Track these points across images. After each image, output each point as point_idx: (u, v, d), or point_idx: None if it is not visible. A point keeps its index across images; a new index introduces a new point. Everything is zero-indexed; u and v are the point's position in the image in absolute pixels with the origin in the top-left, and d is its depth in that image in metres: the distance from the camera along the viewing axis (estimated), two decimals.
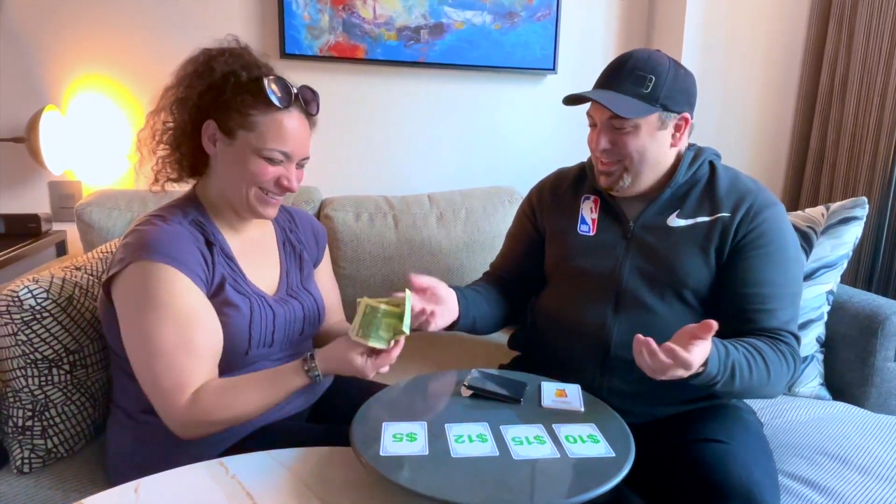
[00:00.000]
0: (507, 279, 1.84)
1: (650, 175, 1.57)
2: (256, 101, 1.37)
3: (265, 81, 1.36)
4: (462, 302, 1.61)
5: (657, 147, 1.54)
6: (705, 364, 1.29)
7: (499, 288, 1.81)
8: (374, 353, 1.29)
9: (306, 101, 1.45)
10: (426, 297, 1.51)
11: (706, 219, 1.54)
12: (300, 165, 1.47)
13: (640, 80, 1.50)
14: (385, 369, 1.34)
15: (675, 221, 1.56)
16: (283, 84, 1.40)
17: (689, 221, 1.55)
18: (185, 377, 1.29)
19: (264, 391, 1.33)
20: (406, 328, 1.30)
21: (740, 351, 1.39)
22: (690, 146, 1.64)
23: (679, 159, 1.59)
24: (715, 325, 1.22)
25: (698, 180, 1.60)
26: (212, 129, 1.40)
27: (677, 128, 1.55)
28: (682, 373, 1.25)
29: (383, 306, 1.31)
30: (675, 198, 1.59)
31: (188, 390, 1.29)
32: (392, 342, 1.31)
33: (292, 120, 1.41)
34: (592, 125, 1.60)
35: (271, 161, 1.40)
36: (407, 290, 1.36)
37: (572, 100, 1.56)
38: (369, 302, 1.31)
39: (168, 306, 1.29)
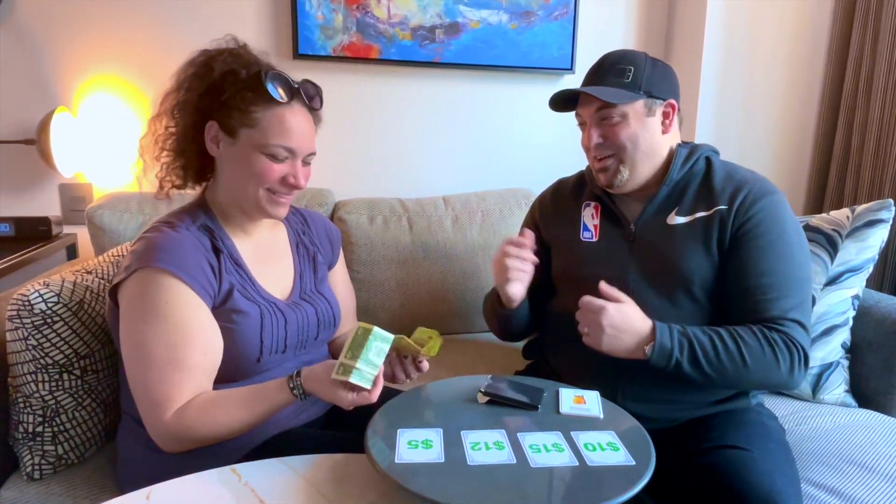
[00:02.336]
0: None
1: (647, 166, 1.60)
2: (257, 97, 1.37)
3: (264, 76, 1.36)
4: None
5: (648, 134, 1.58)
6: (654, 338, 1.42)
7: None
8: (356, 387, 1.25)
9: (309, 96, 1.45)
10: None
11: (705, 213, 1.55)
12: (306, 162, 1.47)
13: (619, 72, 1.57)
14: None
15: (674, 219, 1.58)
16: (283, 79, 1.40)
17: (689, 218, 1.57)
18: (174, 392, 1.29)
19: (249, 408, 1.32)
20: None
21: (706, 333, 1.44)
22: (685, 144, 1.66)
23: (672, 155, 1.62)
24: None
25: (695, 176, 1.62)
26: (214, 131, 1.40)
27: (665, 115, 1.60)
28: (626, 339, 1.43)
29: (377, 329, 1.25)
30: (673, 195, 1.61)
31: (175, 405, 1.29)
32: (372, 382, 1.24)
33: (294, 115, 1.41)
34: (582, 124, 1.65)
35: (275, 158, 1.39)
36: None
37: (559, 103, 1.64)
38: (362, 324, 1.26)
39: (165, 318, 1.30)
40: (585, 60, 2.79)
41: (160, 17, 2.45)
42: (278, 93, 1.37)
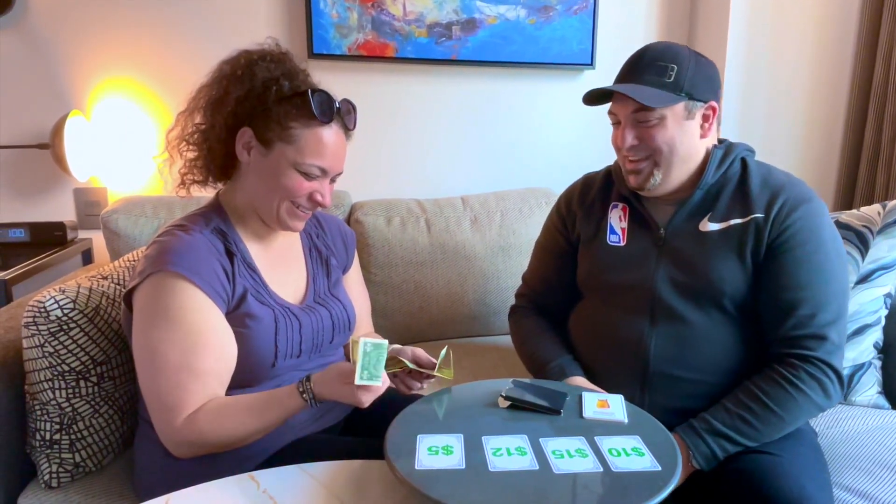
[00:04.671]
0: (546, 298, 1.85)
1: (681, 171, 1.55)
2: (299, 113, 1.38)
3: (310, 95, 1.37)
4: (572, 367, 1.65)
5: (687, 139, 1.52)
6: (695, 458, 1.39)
7: (545, 318, 1.83)
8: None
9: (345, 115, 1.45)
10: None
11: (739, 221, 1.51)
12: (332, 180, 1.48)
13: (661, 70, 1.50)
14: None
15: (707, 226, 1.54)
16: (327, 98, 1.40)
17: (722, 225, 1.53)
18: (186, 397, 1.30)
19: (259, 415, 1.32)
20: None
21: (730, 411, 1.42)
22: (720, 143, 1.61)
23: (707, 157, 1.57)
24: None
25: (730, 179, 1.57)
26: (247, 137, 1.40)
27: (705, 118, 1.54)
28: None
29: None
30: (707, 199, 1.57)
31: (187, 410, 1.30)
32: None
33: (332, 135, 1.42)
34: (616, 123, 1.59)
35: (307, 176, 1.41)
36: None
37: (593, 98, 1.57)
38: (369, 341, 1.26)
39: (178, 323, 1.31)
40: (606, 55, 2.80)
41: (173, 18, 2.47)
42: (321, 113, 1.38)
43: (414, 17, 2.60)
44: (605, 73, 2.83)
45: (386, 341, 1.25)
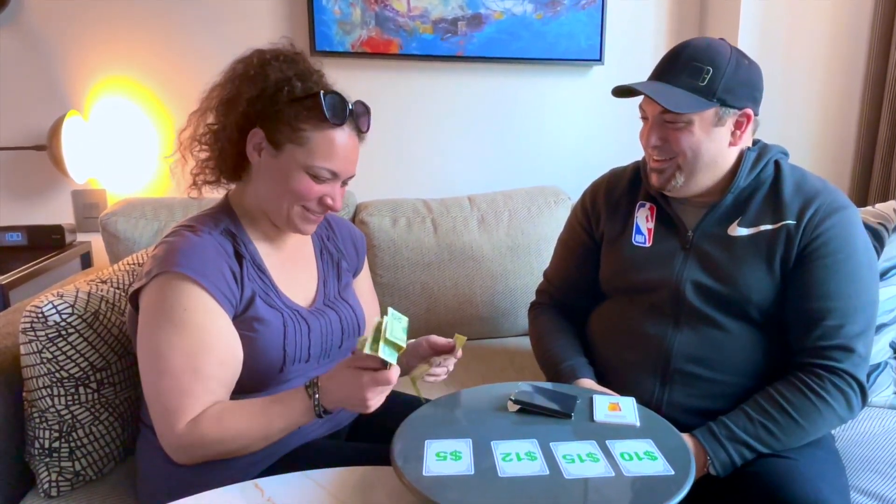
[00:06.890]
0: (566, 295, 1.85)
1: (706, 176, 1.53)
2: (310, 115, 1.37)
3: (322, 97, 1.36)
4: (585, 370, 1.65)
5: (713, 145, 1.50)
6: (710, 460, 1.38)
7: (565, 315, 1.82)
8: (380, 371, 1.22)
9: (358, 117, 1.45)
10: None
11: (770, 227, 1.50)
12: (344, 183, 1.48)
13: (696, 71, 1.47)
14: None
15: (737, 231, 1.53)
16: (340, 100, 1.40)
17: (752, 230, 1.51)
18: (189, 401, 1.30)
19: (264, 418, 1.31)
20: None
21: (752, 419, 1.41)
22: (754, 144, 1.60)
23: (740, 160, 1.55)
24: None
25: (762, 183, 1.55)
26: (258, 138, 1.40)
27: (738, 125, 1.51)
28: None
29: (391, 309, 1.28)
30: (738, 203, 1.55)
31: (189, 415, 1.30)
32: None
33: (344, 137, 1.41)
34: (644, 118, 1.58)
35: (317, 179, 1.40)
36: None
37: (622, 92, 1.53)
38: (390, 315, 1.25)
39: (183, 325, 1.30)
40: (615, 51, 2.80)
41: (173, 14, 2.47)
42: (333, 115, 1.37)
43: (418, 12, 2.60)
44: (613, 69, 2.83)
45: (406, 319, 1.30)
